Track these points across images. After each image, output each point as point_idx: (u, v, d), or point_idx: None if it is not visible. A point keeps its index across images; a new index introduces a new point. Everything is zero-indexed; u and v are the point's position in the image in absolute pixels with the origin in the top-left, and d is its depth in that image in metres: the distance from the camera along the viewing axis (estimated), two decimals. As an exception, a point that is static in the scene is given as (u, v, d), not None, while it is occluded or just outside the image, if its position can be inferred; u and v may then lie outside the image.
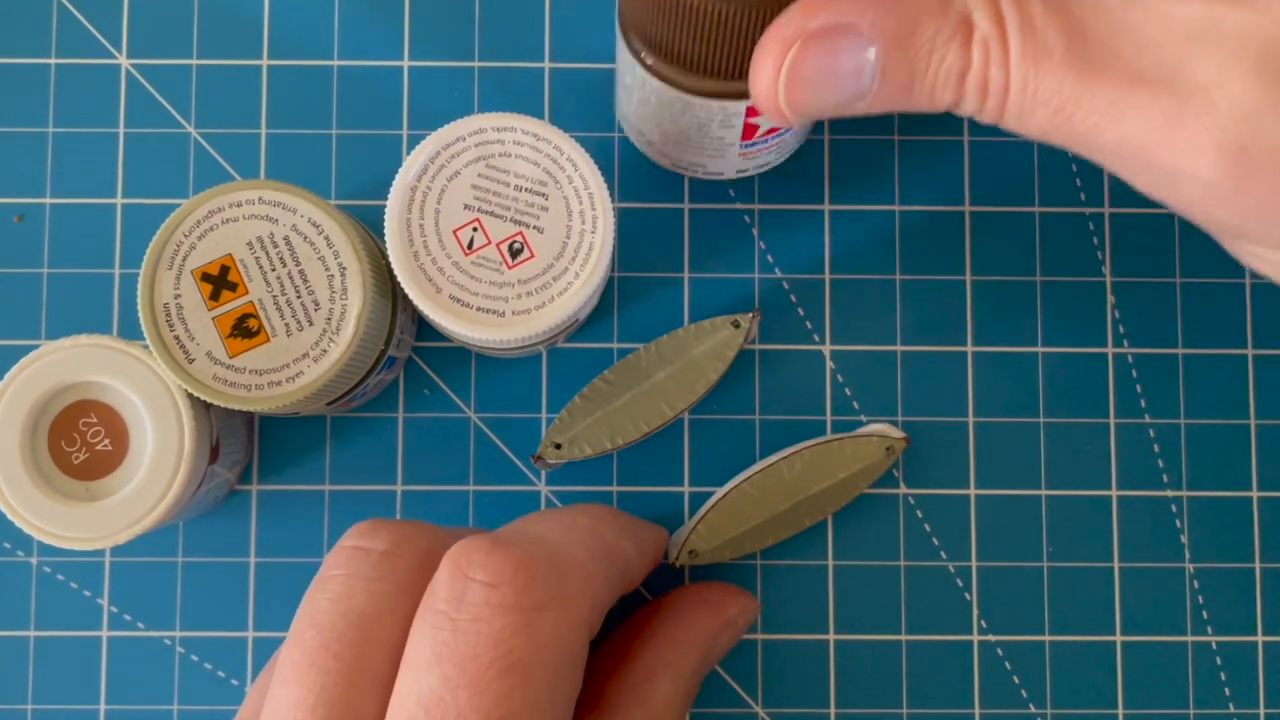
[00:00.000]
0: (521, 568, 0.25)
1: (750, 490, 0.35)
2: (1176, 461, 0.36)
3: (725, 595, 0.33)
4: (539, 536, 0.27)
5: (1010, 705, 0.36)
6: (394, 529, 0.27)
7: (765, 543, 0.35)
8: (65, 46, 0.37)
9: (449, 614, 0.24)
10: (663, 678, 0.30)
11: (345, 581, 0.26)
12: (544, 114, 0.37)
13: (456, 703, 0.23)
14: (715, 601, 0.32)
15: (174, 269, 0.30)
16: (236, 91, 0.37)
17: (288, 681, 0.25)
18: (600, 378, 0.35)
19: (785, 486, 0.35)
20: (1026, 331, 0.37)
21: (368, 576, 0.26)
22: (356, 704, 0.24)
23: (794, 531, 0.35)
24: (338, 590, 0.26)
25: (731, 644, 0.33)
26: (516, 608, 0.24)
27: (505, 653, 0.24)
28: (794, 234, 0.37)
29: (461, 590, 0.24)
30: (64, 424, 0.30)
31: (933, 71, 0.24)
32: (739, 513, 0.35)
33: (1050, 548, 0.36)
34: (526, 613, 0.24)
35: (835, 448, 0.35)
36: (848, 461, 0.35)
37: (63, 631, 0.35)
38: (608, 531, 0.30)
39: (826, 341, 0.36)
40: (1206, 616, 0.36)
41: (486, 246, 0.30)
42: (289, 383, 0.30)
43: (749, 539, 0.35)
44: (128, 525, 0.30)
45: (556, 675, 0.24)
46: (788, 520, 0.35)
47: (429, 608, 0.25)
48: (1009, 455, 0.36)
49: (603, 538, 0.29)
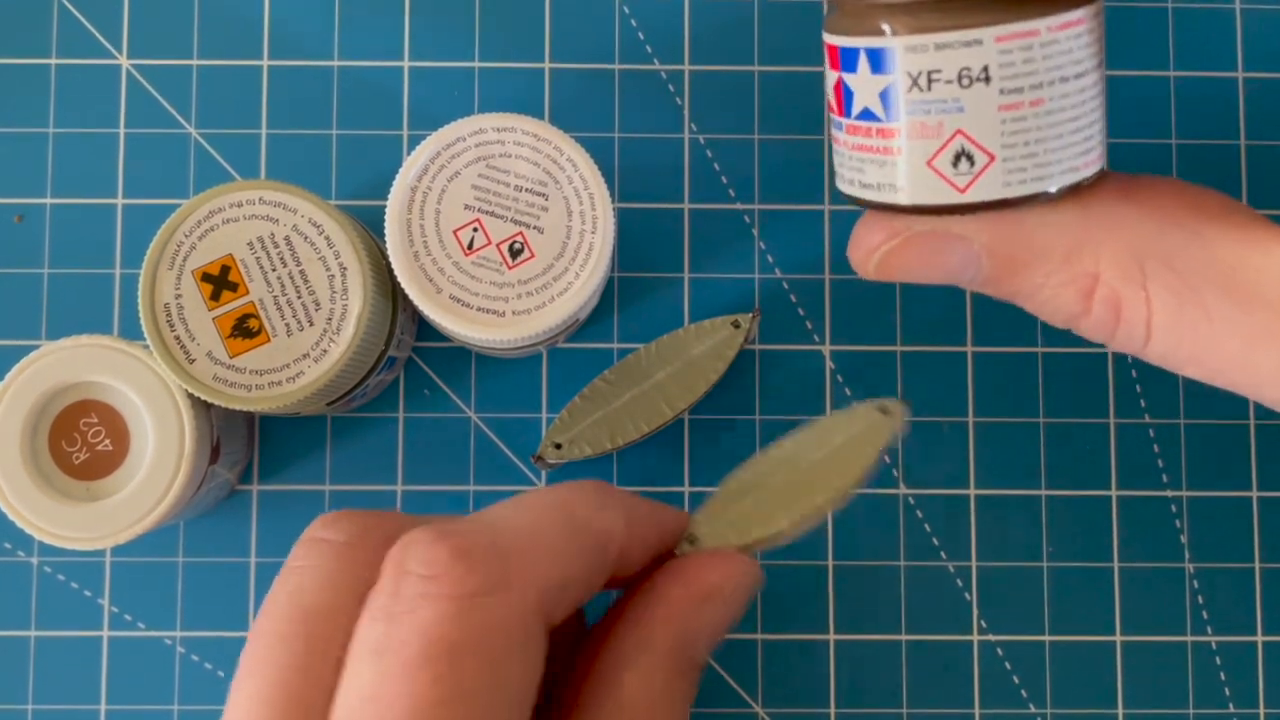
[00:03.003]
0: (459, 555, 0.24)
1: (744, 475, 0.35)
2: (1176, 461, 0.36)
3: (704, 562, 0.29)
4: (491, 521, 0.26)
5: (1010, 705, 0.36)
6: (354, 520, 0.27)
7: (777, 522, 0.35)
8: (65, 46, 0.37)
9: (387, 607, 0.24)
10: (630, 668, 0.27)
11: (303, 574, 0.26)
12: (544, 114, 0.37)
13: (389, 692, 0.23)
14: (689, 571, 0.29)
15: (174, 269, 0.30)
16: (236, 91, 0.37)
17: (243, 676, 0.25)
18: (600, 378, 0.35)
19: (779, 462, 0.35)
20: (1026, 332, 0.37)
21: (328, 569, 0.26)
22: (311, 697, 0.24)
23: (806, 509, 0.34)
24: (295, 583, 0.26)
25: (723, 617, 0.28)
26: (450, 596, 0.24)
27: (436, 640, 0.23)
28: (794, 234, 0.37)
29: (399, 583, 0.24)
30: (64, 424, 0.30)
31: (1044, 302, 0.25)
32: (736, 494, 0.35)
33: (1050, 548, 0.36)
34: (460, 600, 0.24)
35: (824, 419, 0.35)
36: (840, 427, 0.35)
37: (63, 631, 0.35)
38: (581, 506, 0.28)
39: (826, 341, 0.37)
40: (1206, 616, 0.36)
41: (487, 247, 0.30)
42: (289, 383, 0.30)
43: (753, 517, 0.35)
44: (128, 525, 0.30)
45: (497, 661, 0.24)
46: (793, 494, 0.35)
47: (370, 604, 0.25)
48: (1009, 455, 0.36)
49: (569, 512, 0.27)
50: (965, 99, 0.23)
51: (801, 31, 0.37)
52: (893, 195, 0.24)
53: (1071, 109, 0.23)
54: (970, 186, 0.23)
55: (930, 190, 0.23)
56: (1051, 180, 0.23)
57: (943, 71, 0.23)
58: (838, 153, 0.25)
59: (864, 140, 0.24)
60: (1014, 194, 0.23)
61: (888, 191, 0.24)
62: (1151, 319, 0.24)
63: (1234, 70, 0.37)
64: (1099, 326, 0.25)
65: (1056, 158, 0.23)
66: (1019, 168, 0.23)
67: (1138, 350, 0.25)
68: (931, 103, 0.23)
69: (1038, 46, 0.22)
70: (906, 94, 0.23)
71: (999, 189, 0.23)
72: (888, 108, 0.23)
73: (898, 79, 0.23)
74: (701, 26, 0.37)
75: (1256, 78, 0.37)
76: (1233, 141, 0.37)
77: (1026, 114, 0.23)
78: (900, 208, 0.24)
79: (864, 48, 0.23)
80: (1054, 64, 0.23)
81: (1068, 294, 0.24)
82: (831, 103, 0.25)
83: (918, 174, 0.24)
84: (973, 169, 0.23)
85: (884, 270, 0.25)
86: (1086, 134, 0.23)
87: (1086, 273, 0.24)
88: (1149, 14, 0.38)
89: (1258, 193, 0.37)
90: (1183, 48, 0.37)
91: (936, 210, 0.24)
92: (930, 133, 0.23)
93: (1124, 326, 0.24)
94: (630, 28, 0.37)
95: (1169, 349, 0.24)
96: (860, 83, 0.24)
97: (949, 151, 0.23)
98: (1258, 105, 0.37)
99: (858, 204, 0.25)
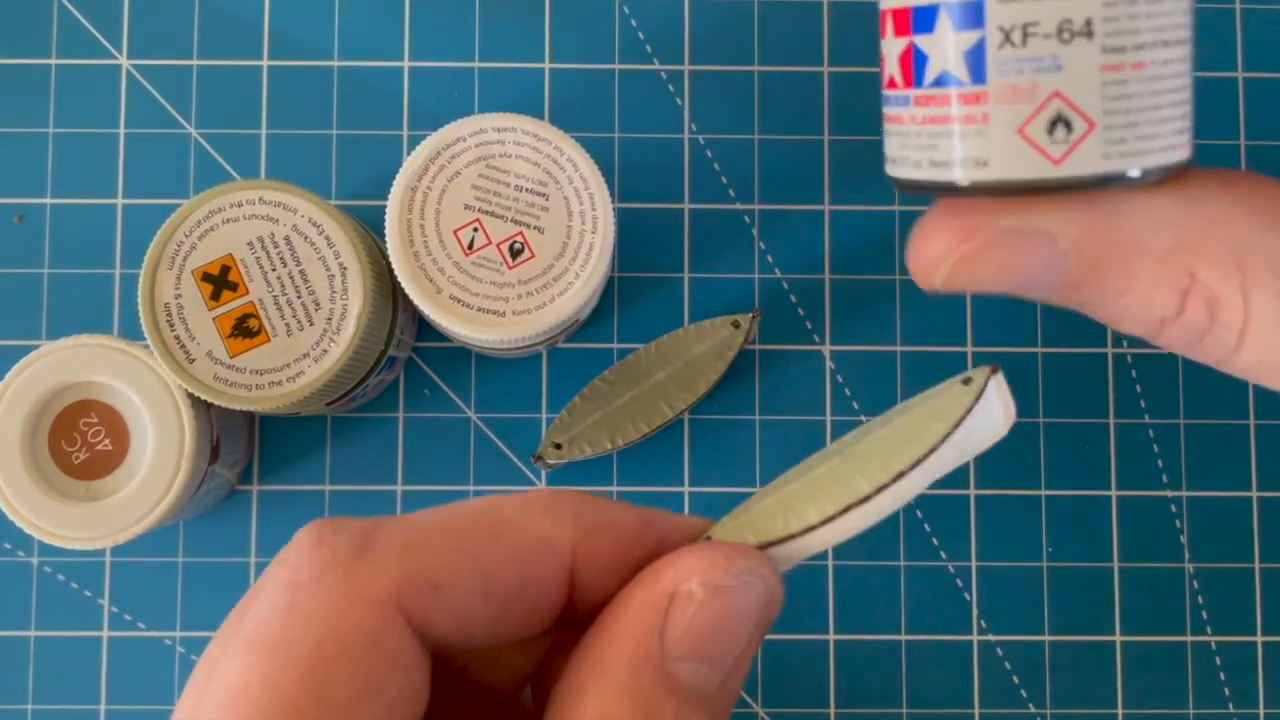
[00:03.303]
0: (306, 541, 0.22)
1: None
2: (1176, 461, 0.36)
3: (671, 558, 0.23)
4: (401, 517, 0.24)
5: (1010, 705, 0.36)
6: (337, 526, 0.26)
7: (808, 516, 0.34)
8: (65, 46, 0.37)
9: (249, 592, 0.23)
10: (589, 689, 0.21)
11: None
12: (544, 114, 0.37)
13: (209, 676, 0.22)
14: (655, 568, 0.23)
15: (174, 269, 0.30)
16: (236, 91, 0.37)
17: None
18: (600, 378, 0.35)
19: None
20: (1026, 331, 0.37)
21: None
22: None
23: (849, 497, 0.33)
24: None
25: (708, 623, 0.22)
26: (278, 582, 0.22)
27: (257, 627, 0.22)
28: (794, 234, 0.37)
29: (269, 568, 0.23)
30: (64, 424, 0.30)
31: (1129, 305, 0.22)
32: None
33: (1050, 548, 0.36)
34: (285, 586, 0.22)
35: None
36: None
37: (63, 631, 0.35)
38: (517, 511, 0.23)
39: (826, 341, 0.37)
40: (1206, 616, 0.36)
41: (487, 247, 0.30)
42: (289, 383, 0.30)
43: (778, 512, 0.34)
44: (128, 525, 0.30)
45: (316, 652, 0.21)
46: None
47: None
48: (1008, 454, 0.36)
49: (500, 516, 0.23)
50: (1065, 56, 0.21)
51: (802, 31, 0.37)
52: (975, 172, 0.21)
53: (1171, 78, 0.21)
54: (1066, 158, 0.21)
55: (1020, 163, 0.21)
56: (1151, 156, 0.21)
57: (1040, 24, 0.21)
58: (899, 132, 0.23)
59: (939, 110, 0.22)
60: (1113, 168, 0.21)
61: (969, 169, 0.21)
62: (1247, 325, 0.22)
63: (1234, 70, 0.37)
64: (1187, 332, 0.22)
65: (1158, 130, 0.21)
66: (1119, 138, 0.21)
67: (1223, 359, 0.22)
68: (1026, 60, 0.21)
69: (1143, 1, 0.20)
70: (998, 51, 0.21)
71: (1098, 161, 0.21)
72: (973, 68, 0.21)
73: (988, 33, 0.21)
74: (701, 26, 0.37)
75: (1256, 78, 0.37)
76: (1233, 142, 0.37)
77: (1129, 76, 0.21)
78: (979, 186, 0.21)
79: (945, 3, 0.21)
80: (1157, 23, 0.21)
81: (1162, 296, 0.22)
82: (895, 75, 0.22)
83: (1007, 144, 0.21)
84: (1069, 137, 0.21)
85: (954, 279, 0.22)
86: (1183, 110, 0.21)
87: (1186, 272, 0.21)
88: (1149, 14, 0.38)
89: (1258, 193, 0.37)
90: (1183, 48, 0.37)
91: (1026, 188, 0.21)
92: (1023, 96, 0.21)
93: (1216, 331, 0.22)
94: (630, 28, 0.37)
95: (1260, 358, 0.22)
96: (938, 44, 0.21)
97: (1044, 116, 0.21)
98: (1258, 105, 0.37)
99: (923, 190, 0.22)
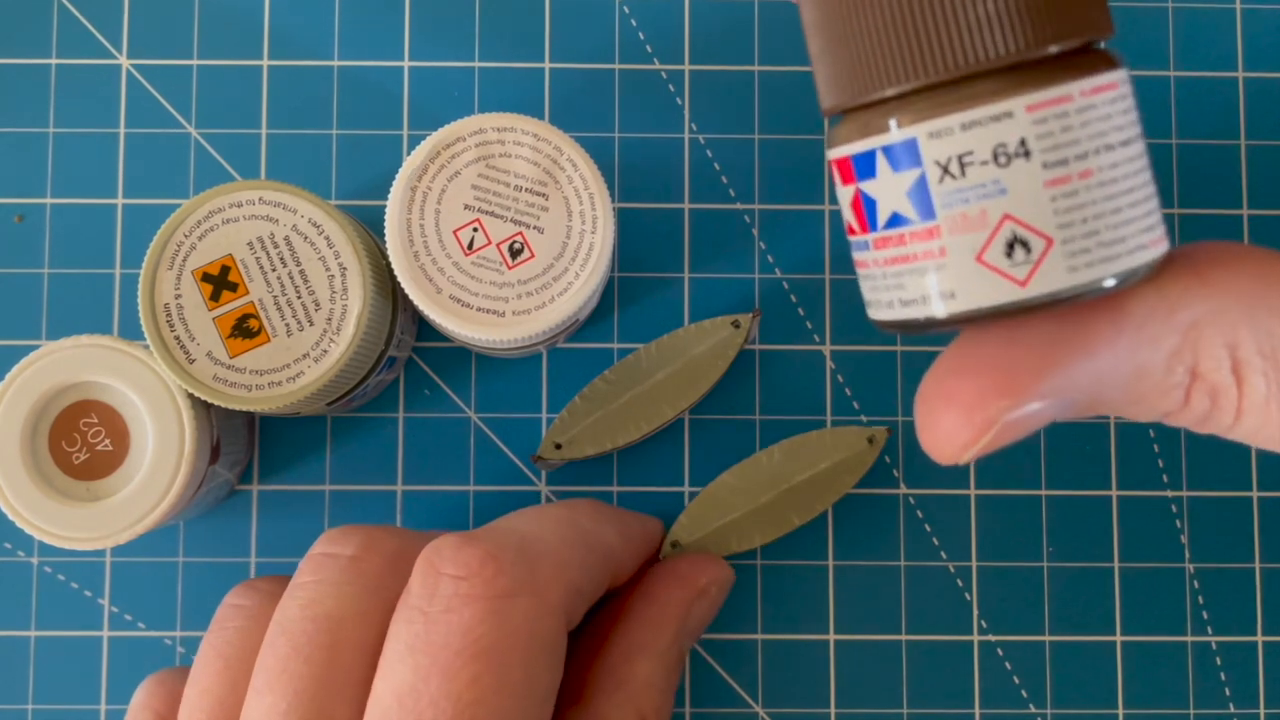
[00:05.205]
0: (489, 559, 0.25)
1: (731, 480, 0.35)
2: (1176, 461, 0.36)
3: (695, 566, 0.33)
4: (511, 529, 0.28)
5: (1010, 705, 0.36)
6: (361, 534, 0.28)
7: (753, 540, 0.35)
8: (65, 46, 0.37)
9: (421, 608, 0.25)
10: (640, 658, 0.30)
11: (314, 588, 0.27)
12: (544, 114, 0.37)
13: (429, 690, 0.24)
14: (685, 574, 0.33)
15: (174, 269, 0.30)
16: (236, 91, 0.37)
17: (261, 690, 0.25)
18: (600, 378, 0.35)
19: (766, 476, 0.35)
20: (1026, 331, 0.37)
21: (336, 581, 0.27)
22: (330, 707, 0.25)
23: (782, 529, 0.35)
24: (307, 596, 0.27)
25: (708, 614, 0.33)
26: (485, 596, 0.25)
27: (475, 639, 0.24)
28: (794, 234, 0.37)
29: (434, 585, 0.25)
30: (64, 424, 0.30)
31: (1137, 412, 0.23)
32: (721, 503, 0.35)
33: (1050, 548, 0.36)
34: (495, 600, 0.25)
35: (814, 437, 0.35)
36: (827, 451, 0.35)
37: (63, 631, 0.35)
38: (585, 520, 0.30)
39: (826, 341, 0.37)
40: (1206, 617, 0.36)
41: (487, 246, 0.30)
42: (289, 383, 0.30)
43: (733, 532, 0.35)
44: (128, 525, 0.30)
45: (529, 660, 0.25)
46: (773, 515, 0.35)
47: (403, 605, 0.25)
48: (1009, 455, 0.36)
49: (578, 526, 0.30)
50: (1006, 179, 0.20)
51: (801, 31, 0.37)
52: (943, 306, 0.21)
53: (1125, 179, 0.21)
54: (1031, 278, 0.20)
55: (987, 290, 0.21)
56: (1121, 261, 0.20)
57: (974, 152, 0.20)
58: (867, 277, 0.22)
59: (897, 250, 0.21)
60: (1082, 279, 0.20)
61: (936, 303, 0.21)
62: (1242, 403, 0.22)
63: (1234, 70, 0.37)
64: (1191, 418, 0.23)
65: (1122, 233, 0.21)
66: (1082, 249, 0.20)
67: (1222, 431, 0.23)
68: (969, 189, 0.21)
69: (1074, 113, 0.20)
70: (939, 185, 0.21)
71: (1064, 276, 0.20)
72: (920, 205, 0.21)
73: (927, 170, 0.21)
74: (701, 26, 0.37)
75: (1256, 78, 0.37)
76: (1233, 142, 0.37)
77: (1078, 187, 0.20)
78: (953, 318, 0.21)
79: (879, 147, 0.21)
80: (1095, 130, 0.20)
81: (1171, 398, 0.22)
82: (851, 223, 0.22)
83: (969, 273, 0.21)
84: (1030, 257, 0.20)
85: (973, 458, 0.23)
86: (1148, 206, 0.21)
87: (1187, 372, 0.22)
88: (1149, 14, 0.38)
89: (1258, 193, 0.37)
90: (1183, 48, 0.37)
91: (998, 314, 0.21)
92: (974, 224, 0.21)
93: (1216, 414, 0.22)
94: (630, 28, 0.37)
95: (1255, 429, 0.23)
96: (882, 187, 0.21)
97: (999, 240, 0.21)
98: (1258, 105, 0.37)
99: (900, 330, 0.22)
